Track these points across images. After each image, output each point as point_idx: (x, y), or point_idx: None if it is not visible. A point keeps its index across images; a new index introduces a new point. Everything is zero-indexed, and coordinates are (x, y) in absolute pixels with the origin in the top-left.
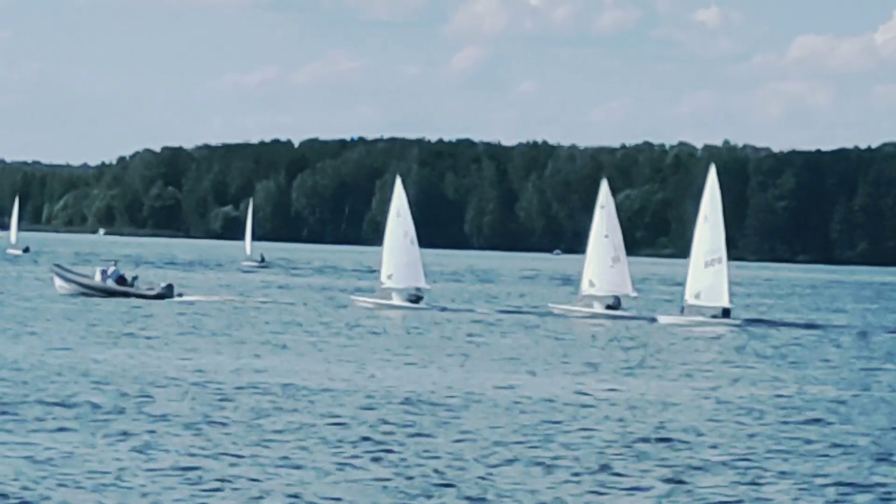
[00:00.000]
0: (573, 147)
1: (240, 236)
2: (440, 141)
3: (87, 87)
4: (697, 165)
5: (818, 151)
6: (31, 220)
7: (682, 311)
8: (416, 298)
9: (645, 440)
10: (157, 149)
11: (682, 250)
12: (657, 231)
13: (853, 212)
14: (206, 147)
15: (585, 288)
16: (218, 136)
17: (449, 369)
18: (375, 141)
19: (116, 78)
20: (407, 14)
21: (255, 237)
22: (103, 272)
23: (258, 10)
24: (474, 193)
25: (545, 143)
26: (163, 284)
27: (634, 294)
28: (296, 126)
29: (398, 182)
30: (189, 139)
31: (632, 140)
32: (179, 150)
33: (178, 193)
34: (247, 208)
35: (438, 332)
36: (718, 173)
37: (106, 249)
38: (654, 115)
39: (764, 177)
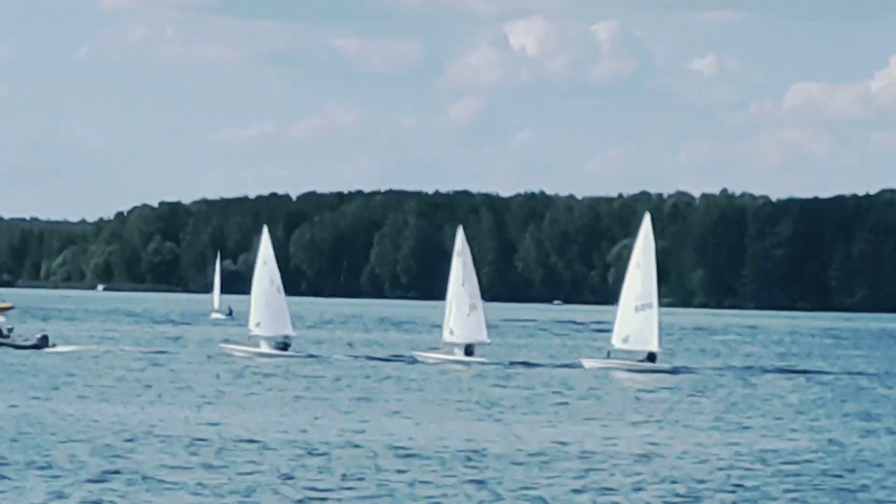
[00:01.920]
0: (571, 197)
1: (239, 290)
2: (438, 192)
3: (84, 142)
4: (695, 214)
5: (815, 199)
6: (30, 276)
7: (608, 356)
8: (283, 345)
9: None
10: (155, 204)
11: (682, 299)
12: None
13: (852, 258)
14: (204, 201)
15: (446, 336)
16: (215, 190)
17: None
18: (373, 193)
19: (114, 133)
20: (403, 66)
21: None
22: None
23: (255, 64)
24: (472, 245)
25: (543, 193)
26: (38, 335)
27: (489, 341)
28: (293, 179)
29: (265, 231)
30: (187, 194)
31: (630, 190)
32: (177, 204)
33: (177, 248)
34: (246, 262)
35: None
36: (717, 221)
37: (105, 305)
38: (652, 165)
39: (762, 225)
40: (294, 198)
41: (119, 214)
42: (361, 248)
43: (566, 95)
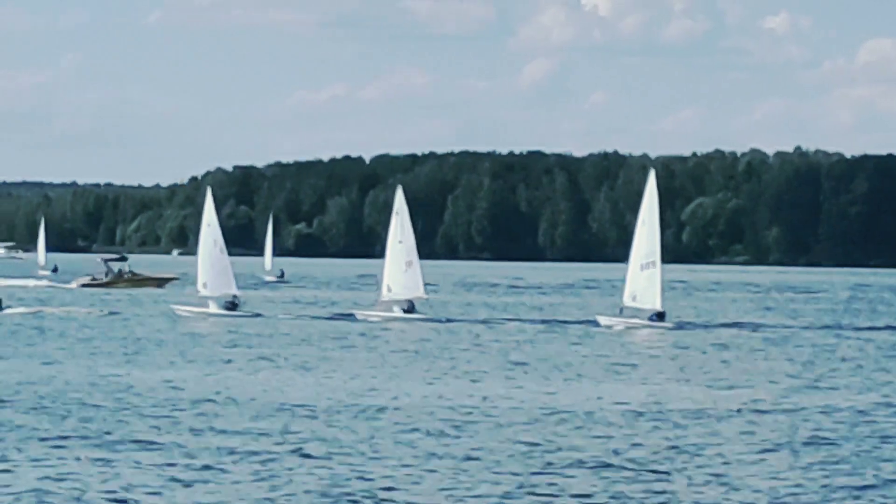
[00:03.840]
0: (644, 157)
1: (314, 253)
2: (511, 154)
3: (158, 107)
4: (769, 172)
5: (890, 155)
6: (105, 241)
7: (620, 313)
8: (232, 305)
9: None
10: (229, 168)
11: (757, 257)
12: (731, 239)
13: None
14: (278, 165)
15: (385, 293)
16: (289, 153)
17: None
18: (446, 155)
19: (187, 98)
20: (475, 28)
21: (328, 254)
22: None
23: (327, 28)
24: (547, 205)
25: (616, 153)
26: None
27: (426, 296)
28: (366, 142)
29: (209, 192)
30: (261, 157)
31: (703, 149)
32: (251, 168)
33: (251, 212)
34: (321, 225)
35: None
36: (791, 179)
37: (181, 268)
38: (725, 124)
39: (836, 182)
40: (367, 160)
41: (193, 179)
42: (435, 209)
43: (639, 55)
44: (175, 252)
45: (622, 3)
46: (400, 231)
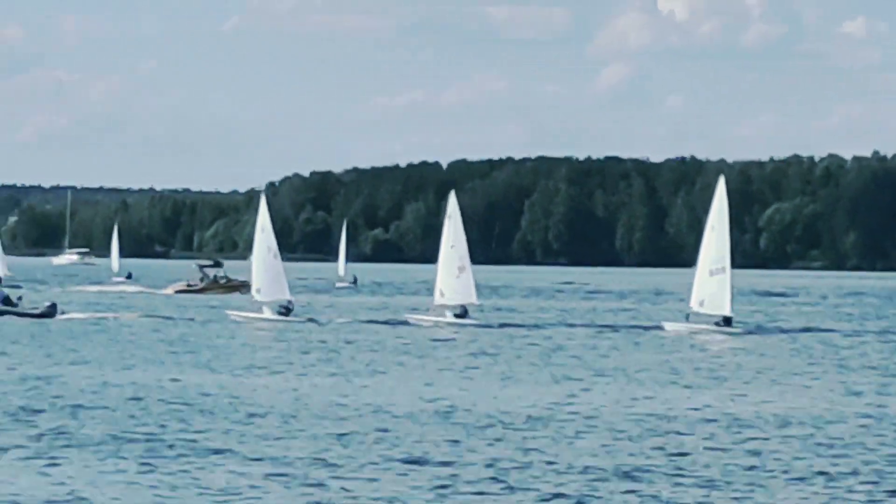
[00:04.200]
0: (721, 161)
1: (391, 259)
2: (588, 159)
3: (234, 113)
4: (847, 177)
5: None
6: (183, 247)
7: (686, 319)
8: (285, 311)
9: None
10: (306, 173)
11: (835, 263)
12: (808, 244)
13: None
14: (355, 171)
15: (437, 298)
16: (366, 159)
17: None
18: (523, 160)
19: (264, 104)
20: (552, 33)
21: (405, 259)
22: None
23: (405, 33)
24: (624, 210)
25: (693, 158)
26: (47, 303)
27: (478, 303)
28: (443, 147)
29: (262, 199)
30: (338, 163)
31: (780, 153)
32: (328, 174)
33: (328, 217)
34: (397, 230)
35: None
36: (869, 184)
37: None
38: (803, 128)
39: None
40: (444, 166)
41: (270, 185)
42: (512, 215)
43: (716, 59)
44: (252, 258)
45: (699, 7)
46: (452, 236)
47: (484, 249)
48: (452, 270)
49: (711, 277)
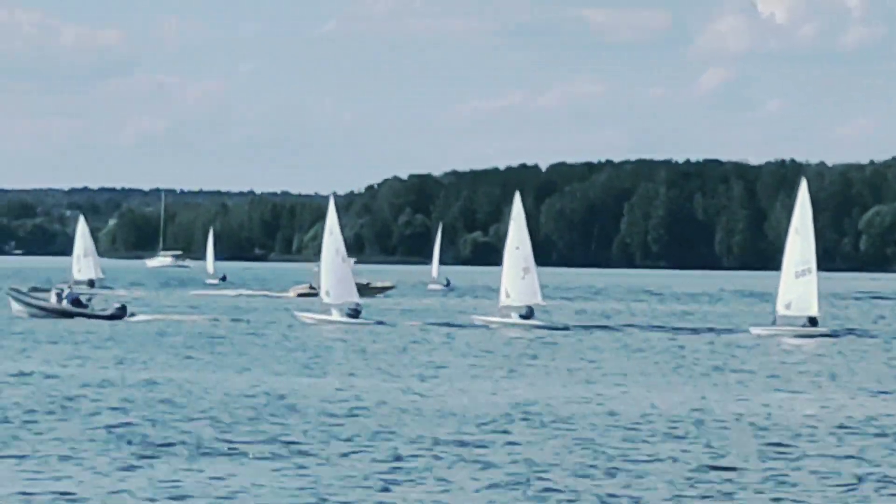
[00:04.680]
0: (821, 164)
1: (490, 262)
2: (687, 162)
3: (333, 116)
4: None
5: None
6: (283, 250)
7: (773, 322)
8: (354, 313)
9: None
10: (405, 176)
11: None
12: None
13: None
14: (454, 173)
15: (503, 299)
16: (465, 162)
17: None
18: (623, 163)
19: (363, 106)
20: (651, 36)
21: (500, 262)
22: (58, 294)
23: (504, 36)
24: (723, 214)
25: (793, 161)
26: (116, 305)
27: (543, 303)
28: (542, 150)
29: (331, 203)
30: (436, 166)
31: (881, 156)
32: (427, 177)
33: (427, 220)
34: (496, 233)
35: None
36: None
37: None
38: None
39: None
40: (543, 168)
41: (369, 187)
42: (611, 217)
43: (815, 62)
44: (351, 260)
45: (799, 10)
46: (517, 238)
47: (583, 252)
48: (518, 272)
49: (797, 280)
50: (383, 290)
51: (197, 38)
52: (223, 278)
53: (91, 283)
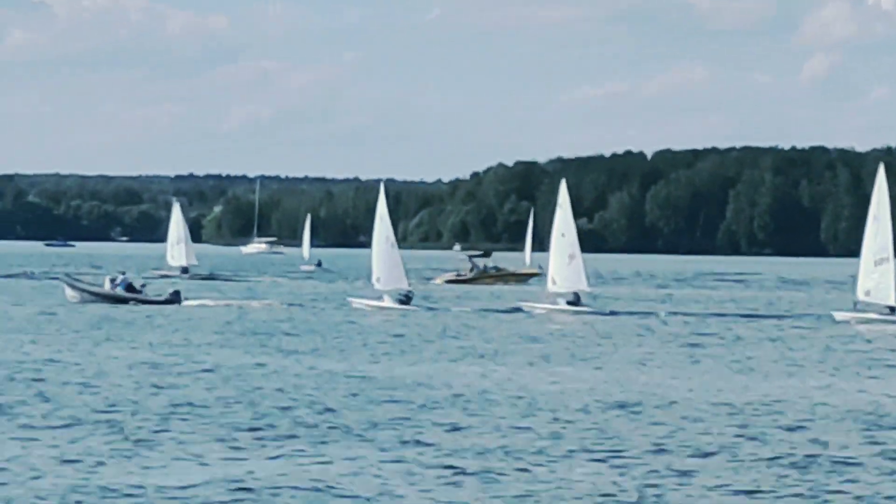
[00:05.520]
0: None
1: (595, 249)
2: (793, 149)
3: (439, 103)
4: None
5: None
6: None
7: (854, 307)
8: (406, 299)
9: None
10: (510, 163)
11: None
12: None
13: None
14: (560, 160)
15: (550, 285)
16: (570, 149)
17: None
18: (728, 150)
19: (469, 93)
20: (756, 22)
21: (609, 249)
22: (112, 280)
23: (609, 23)
24: (829, 201)
25: None
26: (170, 291)
27: (589, 290)
28: (648, 137)
29: (381, 189)
30: (542, 153)
31: None
32: (532, 164)
33: (532, 207)
34: (601, 220)
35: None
36: None
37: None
38: None
39: None
40: (649, 156)
41: (475, 174)
42: (717, 204)
43: None
44: (457, 247)
45: None
46: (563, 224)
47: (689, 239)
48: (564, 259)
49: (876, 267)
50: (528, 276)
51: (302, 26)
52: (318, 264)
53: (184, 271)
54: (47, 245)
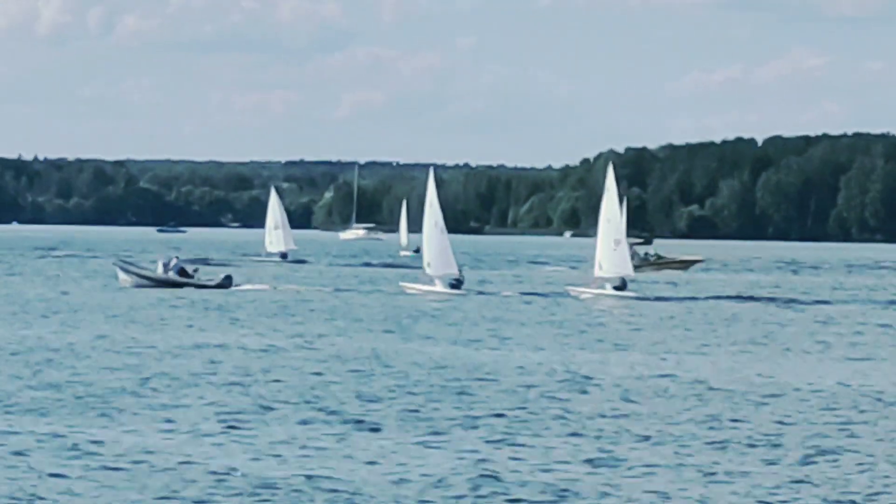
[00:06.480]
0: None
1: (706, 235)
2: None
3: (551, 89)
4: None
5: None
6: (498, 223)
7: None
8: (457, 283)
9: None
10: (621, 150)
11: None
12: None
13: None
14: (670, 147)
15: (597, 271)
16: (682, 135)
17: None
18: (840, 137)
19: (580, 80)
20: (873, 9)
21: (720, 236)
22: (165, 265)
23: (721, 9)
24: None
25: None
26: (222, 275)
27: (633, 275)
28: (759, 124)
29: (431, 175)
30: (653, 139)
31: None
32: (643, 150)
33: (643, 194)
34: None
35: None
36: None
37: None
38: None
39: None
40: (760, 142)
41: (585, 161)
42: (828, 191)
43: None
44: (567, 234)
45: None
46: (608, 210)
47: (800, 226)
48: (609, 244)
49: None
50: (691, 263)
51: (414, 12)
52: (416, 250)
53: (283, 256)
54: (160, 231)
